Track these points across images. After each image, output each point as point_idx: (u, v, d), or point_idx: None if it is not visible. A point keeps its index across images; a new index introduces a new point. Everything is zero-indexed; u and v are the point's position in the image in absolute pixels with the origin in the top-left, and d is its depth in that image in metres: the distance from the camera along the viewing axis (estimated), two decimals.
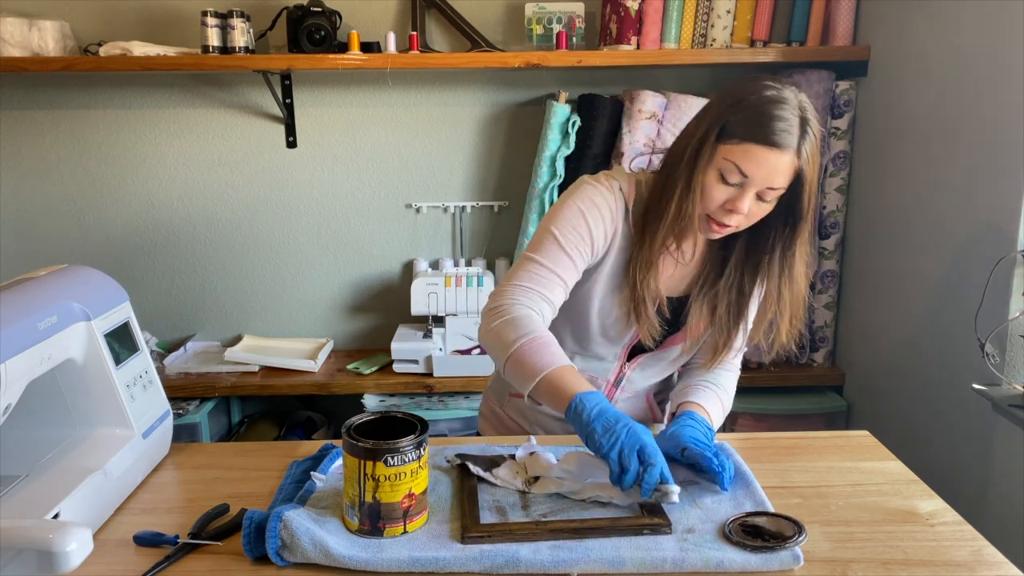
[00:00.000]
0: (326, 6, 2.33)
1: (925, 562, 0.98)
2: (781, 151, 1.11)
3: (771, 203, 1.17)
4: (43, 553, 0.88)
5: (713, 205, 1.17)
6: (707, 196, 1.16)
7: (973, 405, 1.79)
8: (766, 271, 1.25)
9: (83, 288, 1.16)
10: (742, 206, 1.15)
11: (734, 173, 1.13)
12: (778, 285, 1.24)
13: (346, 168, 2.61)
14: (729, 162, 1.13)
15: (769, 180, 1.13)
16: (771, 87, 1.14)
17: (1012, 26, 1.69)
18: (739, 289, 1.28)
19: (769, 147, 1.11)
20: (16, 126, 2.52)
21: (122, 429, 1.17)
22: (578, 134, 2.38)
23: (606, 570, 0.96)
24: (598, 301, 1.28)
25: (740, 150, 1.12)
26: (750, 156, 1.12)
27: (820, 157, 1.17)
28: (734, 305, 1.29)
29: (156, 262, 2.65)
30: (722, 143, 1.14)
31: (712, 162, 1.15)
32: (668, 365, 1.38)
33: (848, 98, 2.34)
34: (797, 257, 1.23)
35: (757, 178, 1.13)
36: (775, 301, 1.25)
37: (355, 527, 1.01)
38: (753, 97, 1.13)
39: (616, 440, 1.03)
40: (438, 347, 2.44)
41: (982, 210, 1.79)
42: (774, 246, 1.23)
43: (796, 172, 1.14)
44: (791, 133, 1.11)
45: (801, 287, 1.25)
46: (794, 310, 1.26)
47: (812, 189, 1.17)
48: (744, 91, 1.15)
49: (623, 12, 2.30)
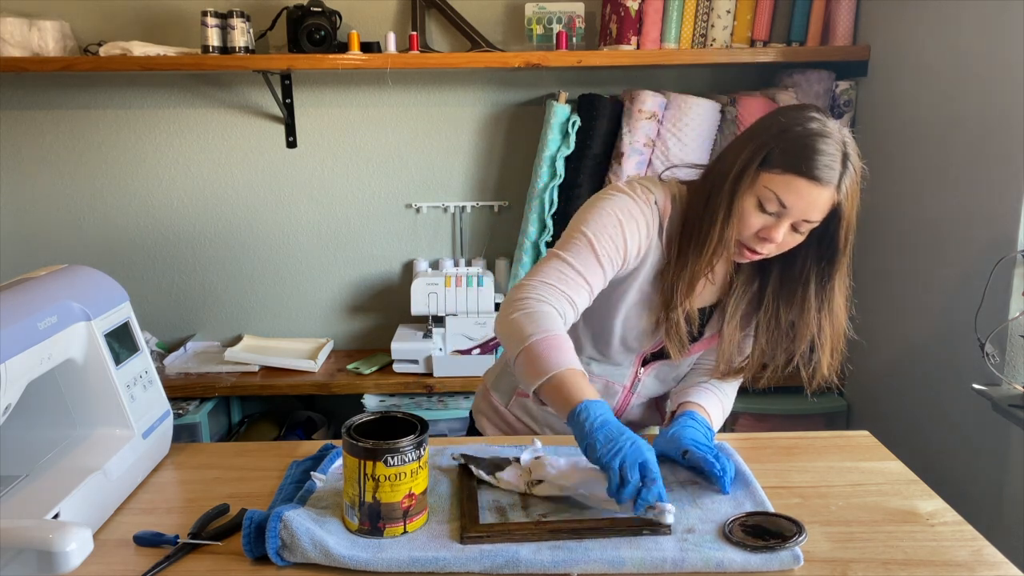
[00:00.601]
0: (326, 6, 2.33)
1: (925, 562, 0.98)
2: (822, 186, 1.11)
3: (804, 235, 1.18)
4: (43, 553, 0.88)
5: (747, 232, 1.17)
6: (743, 222, 1.16)
7: (973, 405, 1.79)
8: (801, 304, 1.24)
9: (83, 288, 1.16)
10: (777, 235, 1.15)
11: (773, 202, 1.14)
12: (818, 319, 1.24)
13: (346, 168, 2.61)
14: (769, 191, 1.13)
15: (806, 213, 1.13)
16: (816, 119, 1.14)
17: (1012, 26, 1.69)
18: (773, 317, 1.27)
19: (811, 180, 1.11)
20: (16, 126, 2.53)
21: (122, 429, 1.17)
22: (578, 134, 2.38)
23: (606, 570, 0.96)
24: (624, 312, 1.28)
25: (781, 180, 1.12)
26: (791, 188, 1.12)
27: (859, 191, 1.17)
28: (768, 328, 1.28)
29: (156, 262, 2.66)
30: (764, 171, 1.14)
31: (752, 189, 1.15)
32: (682, 370, 1.39)
33: (848, 98, 2.34)
34: (837, 291, 1.23)
35: (796, 210, 1.13)
36: (815, 334, 1.24)
37: (355, 527, 1.01)
38: (798, 128, 1.13)
39: (618, 452, 1.01)
40: (438, 347, 2.44)
41: (982, 210, 1.79)
42: (808, 278, 1.23)
43: (834, 206, 1.15)
44: (833, 169, 1.11)
45: (841, 320, 1.25)
46: (835, 343, 1.25)
47: (850, 224, 1.17)
48: (790, 121, 1.14)
49: (623, 12, 2.30)
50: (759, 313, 1.29)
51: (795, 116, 1.15)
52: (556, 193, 2.41)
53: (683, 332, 1.26)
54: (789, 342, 1.27)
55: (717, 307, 1.33)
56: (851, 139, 1.15)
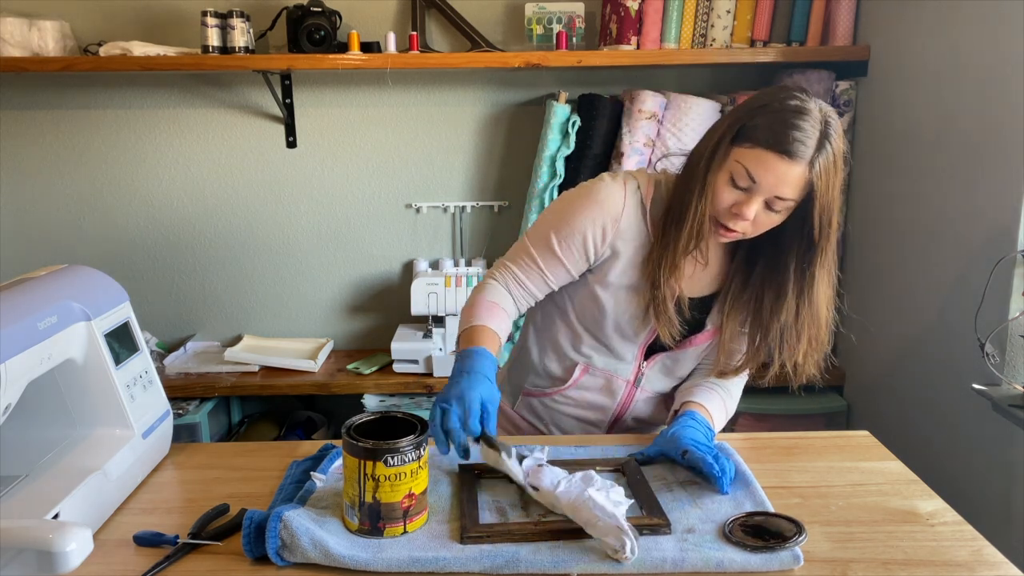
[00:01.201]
0: (326, 6, 2.33)
1: (925, 562, 0.98)
2: (792, 161, 1.10)
3: (780, 214, 1.16)
4: (43, 553, 0.89)
5: (720, 207, 1.17)
6: (716, 198, 1.16)
7: (973, 405, 1.79)
8: (780, 288, 1.22)
9: (83, 288, 1.16)
10: (748, 212, 1.14)
11: (743, 177, 1.13)
12: (796, 306, 1.22)
13: (346, 168, 2.61)
14: (740, 165, 1.13)
15: (776, 188, 1.12)
16: (797, 97, 1.13)
17: (1012, 26, 1.69)
18: (760, 304, 1.26)
19: (780, 155, 1.10)
20: (16, 126, 2.52)
21: (122, 429, 1.17)
22: (578, 134, 2.38)
23: (606, 570, 0.96)
24: (613, 297, 1.28)
25: (752, 154, 1.12)
26: (760, 161, 1.12)
27: (839, 173, 1.15)
28: (755, 320, 1.27)
29: (156, 262, 2.65)
30: (736, 145, 1.14)
31: (725, 164, 1.15)
32: (688, 364, 1.38)
33: (848, 98, 2.34)
34: (818, 278, 1.20)
35: (765, 185, 1.12)
36: (792, 321, 1.22)
37: (355, 527, 1.01)
38: (776, 104, 1.13)
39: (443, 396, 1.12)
40: (438, 347, 2.44)
41: (982, 210, 1.79)
42: (788, 263, 1.21)
43: (807, 185, 1.13)
44: (806, 145, 1.10)
45: (822, 310, 1.22)
46: (812, 333, 1.23)
47: (824, 204, 1.14)
48: (769, 98, 1.14)
49: (623, 12, 2.30)
50: (752, 305, 1.28)
51: (775, 94, 1.15)
52: (556, 193, 2.41)
53: (671, 312, 1.25)
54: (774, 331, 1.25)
55: (715, 299, 1.32)
56: (836, 120, 1.14)
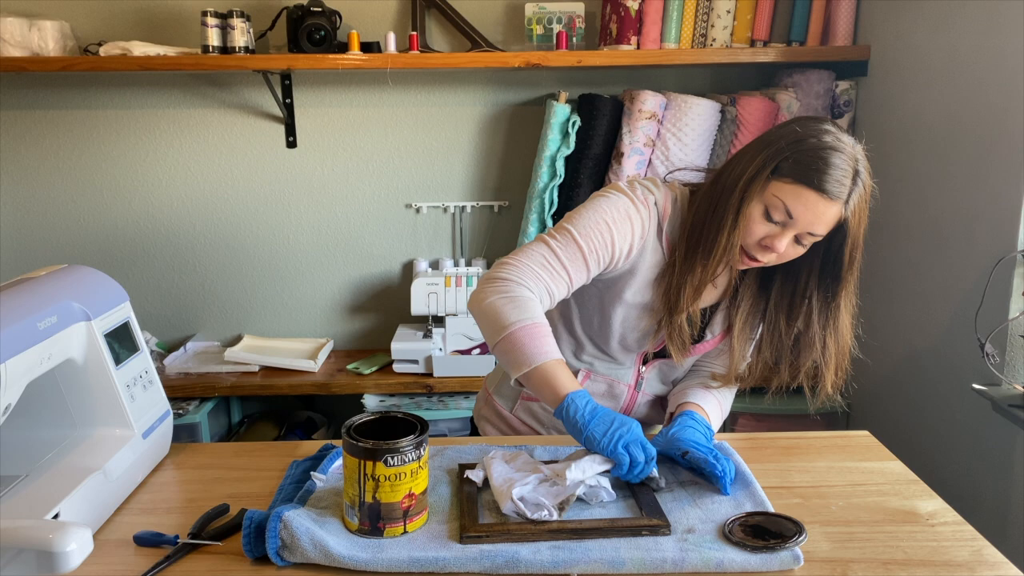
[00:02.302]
0: (326, 6, 2.33)
1: (925, 562, 0.98)
2: (831, 200, 1.11)
3: (806, 247, 1.18)
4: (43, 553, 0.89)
5: (751, 239, 1.17)
6: (748, 229, 1.16)
7: (973, 405, 1.79)
8: (805, 320, 1.24)
9: (83, 288, 1.16)
10: (779, 245, 1.15)
11: (780, 211, 1.14)
12: (823, 337, 1.23)
13: (346, 168, 2.61)
14: (778, 200, 1.13)
15: (812, 226, 1.14)
16: (831, 132, 1.14)
17: (1012, 26, 1.69)
18: (776, 329, 1.28)
19: (820, 193, 1.11)
20: (16, 126, 2.52)
21: (122, 429, 1.17)
22: (578, 134, 2.38)
23: (606, 570, 0.96)
24: (622, 312, 1.28)
25: (791, 190, 1.12)
26: (800, 198, 1.12)
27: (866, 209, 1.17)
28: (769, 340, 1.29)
29: (156, 262, 2.65)
30: (774, 179, 1.14)
31: (761, 196, 1.15)
32: (683, 369, 1.39)
33: (848, 98, 2.34)
34: (843, 309, 1.22)
35: (802, 221, 1.13)
36: (819, 352, 1.24)
37: (355, 527, 1.01)
38: (813, 140, 1.13)
39: (619, 438, 1.08)
40: (438, 347, 2.44)
41: (982, 210, 1.79)
42: (811, 294, 1.23)
43: (840, 222, 1.15)
44: (843, 184, 1.11)
45: (847, 339, 1.24)
46: (839, 361, 1.25)
47: (855, 242, 1.17)
48: (805, 131, 1.14)
49: (623, 12, 2.30)
50: (763, 325, 1.29)
51: (810, 127, 1.15)
52: (556, 193, 2.41)
53: (686, 335, 1.26)
54: (794, 357, 1.27)
55: (717, 308, 1.33)
56: (863, 156, 1.15)
